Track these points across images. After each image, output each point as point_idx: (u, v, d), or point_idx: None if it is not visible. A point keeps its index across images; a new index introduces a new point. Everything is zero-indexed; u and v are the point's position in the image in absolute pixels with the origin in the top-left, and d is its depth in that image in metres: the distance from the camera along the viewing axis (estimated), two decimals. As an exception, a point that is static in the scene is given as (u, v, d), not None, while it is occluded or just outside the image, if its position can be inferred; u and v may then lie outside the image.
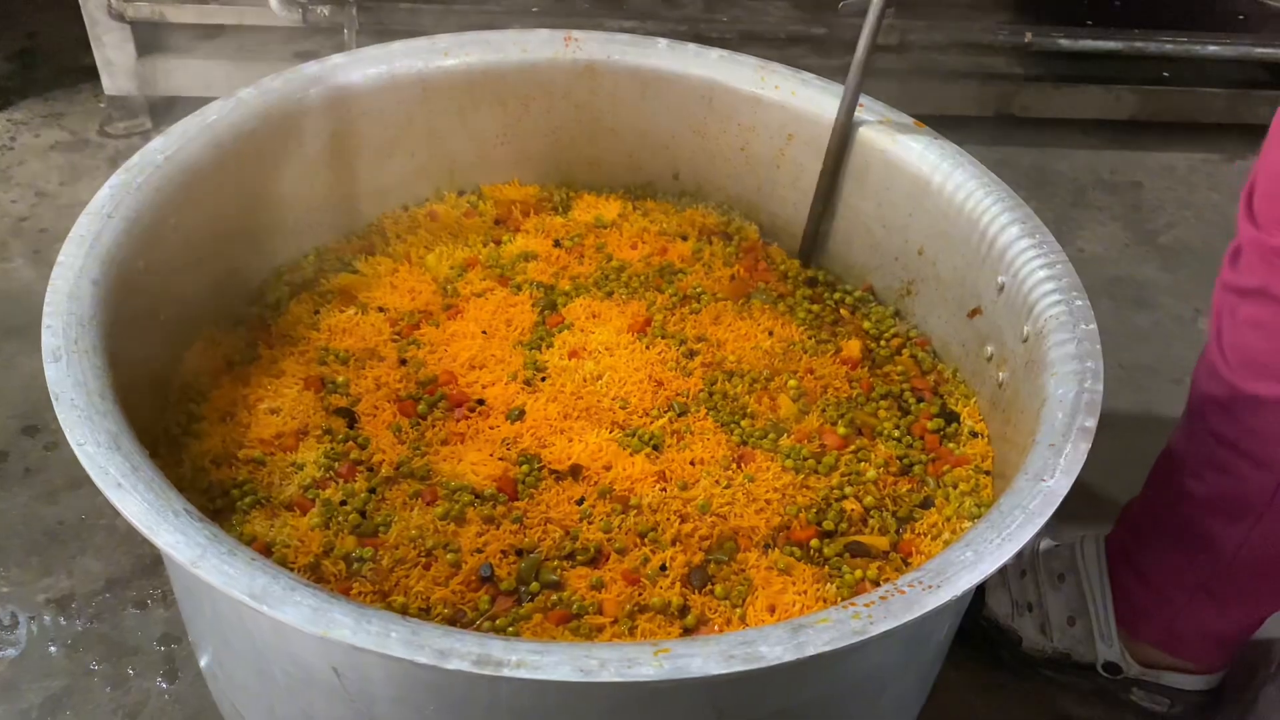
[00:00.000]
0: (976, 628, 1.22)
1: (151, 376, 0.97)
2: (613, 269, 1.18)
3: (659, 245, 1.22)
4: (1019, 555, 1.19)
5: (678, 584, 0.89)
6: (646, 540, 0.92)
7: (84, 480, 0.73)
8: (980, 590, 1.18)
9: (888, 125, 1.14)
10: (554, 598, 0.87)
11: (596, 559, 0.91)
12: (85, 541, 1.25)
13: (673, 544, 0.92)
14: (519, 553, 0.91)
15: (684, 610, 0.88)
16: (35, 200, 1.71)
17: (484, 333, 1.09)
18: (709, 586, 0.90)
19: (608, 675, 0.62)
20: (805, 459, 1.00)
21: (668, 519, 0.94)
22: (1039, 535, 1.18)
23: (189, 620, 0.96)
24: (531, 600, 0.87)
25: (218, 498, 0.93)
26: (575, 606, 0.87)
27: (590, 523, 0.93)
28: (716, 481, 0.97)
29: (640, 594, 0.88)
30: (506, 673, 0.62)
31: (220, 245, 1.06)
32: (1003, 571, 1.20)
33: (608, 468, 0.97)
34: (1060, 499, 0.78)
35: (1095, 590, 1.17)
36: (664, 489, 0.96)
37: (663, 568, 0.90)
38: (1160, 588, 1.11)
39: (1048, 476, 0.79)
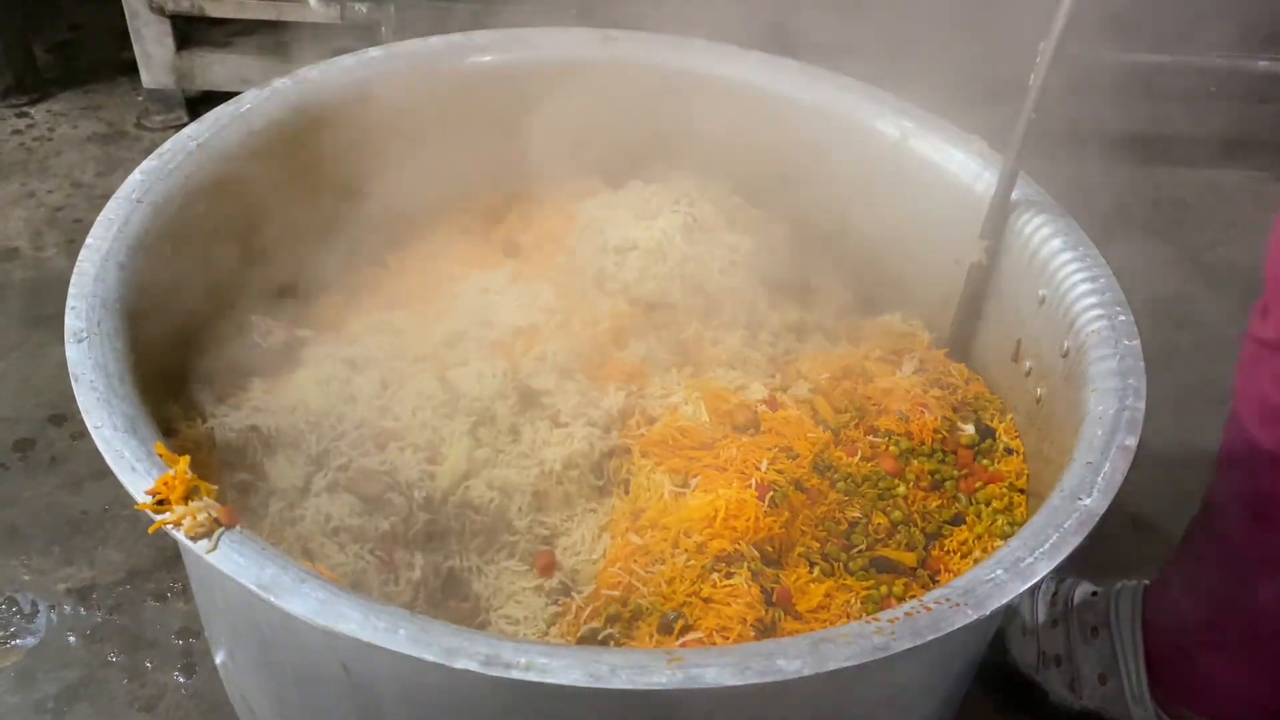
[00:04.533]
0: (999, 675, 1.15)
1: (173, 361, 0.96)
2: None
3: None
4: (1051, 604, 1.15)
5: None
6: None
7: (109, 470, 0.72)
8: (1003, 637, 1.13)
9: (933, 132, 1.12)
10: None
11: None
12: (108, 532, 1.25)
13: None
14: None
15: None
16: (71, 190, 1.72)
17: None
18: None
19: (619, 682, 0.60)
20: (863, 482, 0.98)
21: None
22: (1075, 584, 1.14)
23: (203, 612, 0.95)
24: None
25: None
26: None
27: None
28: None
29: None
30: (515, 675, 0.60)
31: (249, 234, 1.05)
32: (1032, 620, 1.15)
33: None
34: (1098, 519, 0.75)
35: (1126, 646, 1.10)
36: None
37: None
38: (1192, 649, 1.05)
39: (1084, 495, 0.76)
